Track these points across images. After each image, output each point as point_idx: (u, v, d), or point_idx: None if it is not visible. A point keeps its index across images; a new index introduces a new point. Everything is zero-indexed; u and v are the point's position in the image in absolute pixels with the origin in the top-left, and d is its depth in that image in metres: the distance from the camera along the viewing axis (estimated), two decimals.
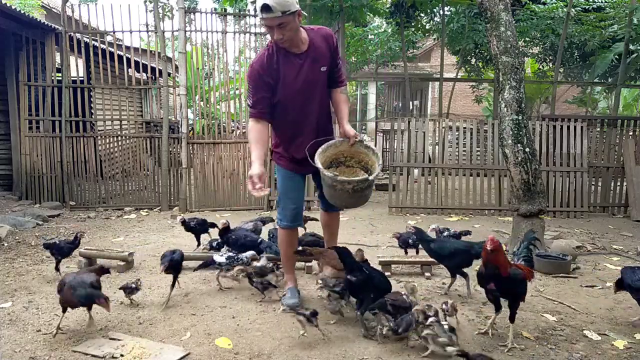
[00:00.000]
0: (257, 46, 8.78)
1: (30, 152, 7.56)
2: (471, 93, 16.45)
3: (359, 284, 2.95)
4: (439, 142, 7.58)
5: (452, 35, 11.47)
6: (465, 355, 2.46)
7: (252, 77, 3.19)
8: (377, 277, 3.07)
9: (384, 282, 3.08)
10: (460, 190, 7.49)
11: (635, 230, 6.45)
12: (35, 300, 3.59)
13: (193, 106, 9.61)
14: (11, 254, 4.89)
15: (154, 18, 7.75)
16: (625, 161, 7.65)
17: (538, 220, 4.95)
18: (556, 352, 2.86)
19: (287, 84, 3.16)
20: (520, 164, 4.84)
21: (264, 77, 3.13)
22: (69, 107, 7.56)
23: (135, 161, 8.21)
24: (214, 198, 7.59)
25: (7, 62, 7.58)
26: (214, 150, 7.62)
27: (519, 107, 4.83)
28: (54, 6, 15.69)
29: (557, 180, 7.37)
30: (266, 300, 3.54)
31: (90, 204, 7.61)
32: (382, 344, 2.91)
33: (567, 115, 8.99)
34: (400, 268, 4.42)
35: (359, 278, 2.94)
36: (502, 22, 4.82)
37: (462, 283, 4.12)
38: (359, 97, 25.34)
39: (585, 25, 10.01)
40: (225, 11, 9.00)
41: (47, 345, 2.88)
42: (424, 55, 21.87)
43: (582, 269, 4.57)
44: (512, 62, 4.82)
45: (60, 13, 7.62)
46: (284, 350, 2.83)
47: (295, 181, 3.47)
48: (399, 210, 7.37)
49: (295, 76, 3.16)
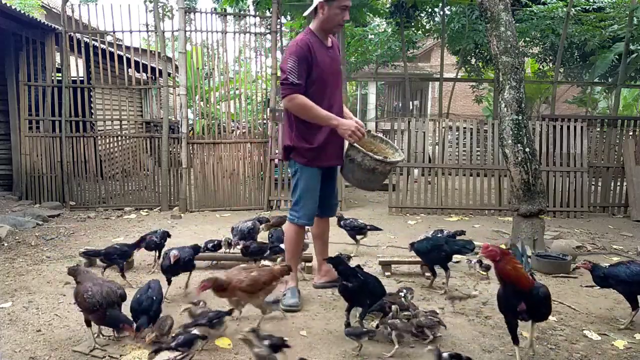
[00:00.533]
0: (257, 46, 8.79)
1: (30, 152, 7.56)
2: (471, 93, 16.45)
3: (354, 290, 2.92)
4: (439, 142, 7.58)
5: (453, 36, 11.48)
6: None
7: (298, 54, 3.26)
8: (372, 283, 3.01)
9: (378, 287, 3.03)
10: (460, 190, 7.49)
11: (635, 230, 6.45)
12: (35, 300, 3.59)
13: (193, 106, 9.61)
14: (11, 254, 4.88)
15: (154, 18, 7.75)
16: (625, 161, 7.65)
17: (538, 220, 4.95)
18: (556, 352, 2.86)
19: (322, 70, 3.36)
20: (520, 164, 4.84)
21: (307, 57, 3.29)
22: (69, 107, 7.56)
23: (135, 161, 8.21)
24: (214, 198, 7.59)
25: (7, 62, 7.58)
26: (214, 150, 7.62)
27: (519, 107, 4.83)
28: (54, 6, 15.70)
29: (557, 180, 7.37)
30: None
31: (90, 204, 7.61)
32: (382, 343, 2.91)
33: (567, 115, 8.98)
34: (400, 268, 4.42)
35: (354, 284, 2.91)
36: (502, 22, 4.82)
37: (462, 283, 4.13)
38: (359, 97, 25.32)
39: (585, 25, 10.02)
40: (225, 11, 9.00)
41: (47, 345, 2.88)
42: (424, 55, 21.88)
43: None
44: (512, 62, 4.82)
45: (60, 13, 7.62)
46: (283, 350, 2.83)
47: (318, 179, 3.54)
48: (399, 210, 7.37)
49: (328, 63, 3.42)
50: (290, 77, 3.24)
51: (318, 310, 3.44)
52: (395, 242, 5.46)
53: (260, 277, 3.02)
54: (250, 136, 7.82)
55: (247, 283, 2.95)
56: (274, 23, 7.66)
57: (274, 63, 7.77)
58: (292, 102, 3.29)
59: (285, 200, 7.62)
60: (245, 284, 2.95)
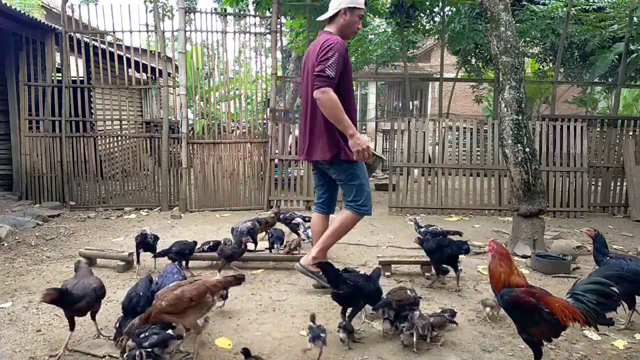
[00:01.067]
0: (257, 46, 8.79)
1: (30, 152, 7.56)
2: (471, 93, 16.45)
3: (346, 296, 2.97)
4: (439, 142, 7.58)
5: (453, 36, 11.47)
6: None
7: (341, 51, 3.38)
8: (364, 286, 2.99)
9: (372, 288, 3.01)
10: (460, 190, 7.49)
11: (635, 230, 6.46)
12: (35, 300, 3.58)
13: (193, 106, 9.61)
14: (11, 254, 4.88)
15: (154, 18, 7.75)
16: (625, 161, 7.65)
17: (538, 220, 4.95)
18: (556, 352, 2.86)
19: (349, 72, 3.53)
20: (520, 164, 4.84)
21: (345, 57, 3.44)
22: (69, 107, 7.56)
23: (135, 161, 8.21)
24: (214, 198, 7.59)
25: (7, 62, 7.58)
26: (214, 150, 7.62)
27: (519, 107, 4.83)
28: (54, 6, 15.70)
29: (557, 180, 7.37)
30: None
31: (90, 204, 7.61)
32: (382, 343, 2.91)
33: (567, 115, 8.98)
34: (400, 268, 4.42)
35: (345, 291, 2.95)
36: (502, 22, 4.83)
37: (462, 283, 4.13)
38: (359, 97, 25.31)
39: (585, 25, 10.01)
40: (225, 11, 9.00)
41: (47, 345, 2.88)
42: (424, 55, 21.88)
43: (582, 269, 4.57)
44: (512, 62, 4.82)
45: (60, 13, 7.62)
46: (284, 350, 2.83)
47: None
48: (399, 210, 7.37)
49: (350, 69, 3.59)
50: (327, 71, 3.29)
51: (318, 311, 3.43)
52: (395, 242, 5.47)
53: (184, 293, 2.58)
54: (250, 136, 7.82)
55: (167, 303, 2.53)
56: (274, 23, 7.66)
57: (274, 63, 7.77)
58: (325, 95, 3.29)
59: (285, 201, 7.62)
60: (166, 303, 2.53)
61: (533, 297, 2.34)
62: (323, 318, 3.30)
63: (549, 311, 2.28)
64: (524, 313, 2.35)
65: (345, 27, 3.54)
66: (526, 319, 2.35)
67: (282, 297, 3.71)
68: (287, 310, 3.43)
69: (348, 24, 3.52)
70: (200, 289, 2.64)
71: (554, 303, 2.31)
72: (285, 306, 3.52)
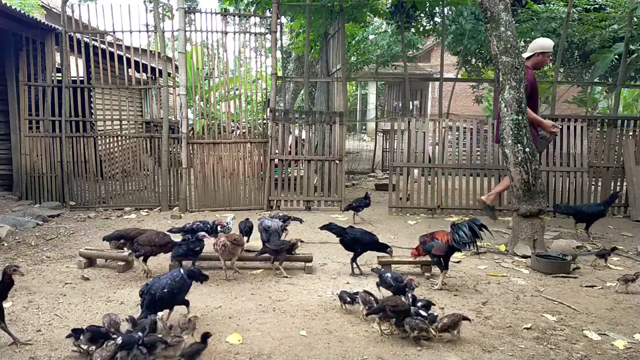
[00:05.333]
0: (257, 46, 8.79)
1: (30, 152, 7.56)
2: (471, 93, 16.45)
3: (348, 241, 4.27)
4: (439, 142, 7.58)
5: (454, 37, 11.45)
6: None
7: (529, 81, 5.23)
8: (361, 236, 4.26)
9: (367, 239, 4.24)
10: (460, 190, 7.49)
11: (635, 230, 6.45)
12: (35, 300, 3.59)
13: (193, 106, 9.61)
14: (11, 254, 4.88)
15: (154, 18, 7.74)
16: (625, 161, 7.65)
17: (538, 220, 4.95)
18: (556, 352, 2.87)
19: (537, 93, 5.97)
20: (520, 164, 4.84)
21: (534, 84, 5.61)
22: (69, 107, 7.55)
23: (135, 161, 8.20)
24: (214, 198, 7.59)
25: (7, 62, 7.58)
26: (214, 150, 7.62)
27: (519, 107, 4.83)
28: (54, 6, 15.70)
29: (557, 180, 7.36)
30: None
31: (90, 204, 7.61)
32: (382, 343, 2.91)
33: (567, 115, 8.97)
34: (401, 268, 4.42)
35: (347, 238, 4.25)
36: (502, 22, 4.83)
37: (462, 283, 4.13)
38: (359, 97, 25.32)
39: (585, 25, 10.00)
40: (225, 11, 9.00)
41: (47, 345, 2.88)
42: (424, 55, 21.90)
43: (582, 269, 4.57)
44: (512, 62, 4.82)
45: (60, 13, 7.61)
46: (284, 350, 2.83)
47: None
48: (399, 210, 7.37)
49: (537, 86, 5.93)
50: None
51: (318, 311, 3.44)
52: (396, 242, 5.46)
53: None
54: (250, 136, 7.82)
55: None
56: (274, 23, 7.66)
57: (274, 63, 7.77)
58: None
59: (285, 201, 7.62)
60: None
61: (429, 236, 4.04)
62: (324, 318, 3.31)
63: (438, 239, 3.93)
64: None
65: (537, 64, 5.64)
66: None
67: (282, 297, 3.71)
68: (287, 310, 3.43)
69: (540, 62, 5.63)
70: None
71: (442, 235, 3.93)
72: (285, 306, 3.52)
